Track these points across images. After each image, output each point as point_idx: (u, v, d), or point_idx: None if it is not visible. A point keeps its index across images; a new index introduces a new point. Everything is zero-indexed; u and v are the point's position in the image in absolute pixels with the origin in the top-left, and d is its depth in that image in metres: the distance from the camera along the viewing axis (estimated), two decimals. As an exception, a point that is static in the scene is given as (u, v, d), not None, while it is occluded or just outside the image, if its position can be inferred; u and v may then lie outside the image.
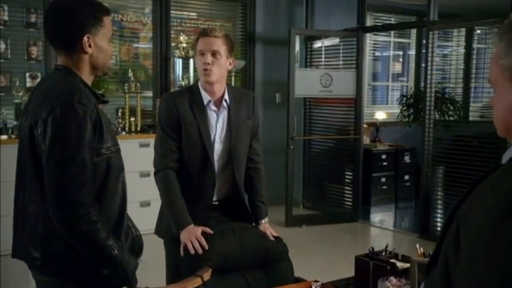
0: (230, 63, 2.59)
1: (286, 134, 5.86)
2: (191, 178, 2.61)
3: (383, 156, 7.01)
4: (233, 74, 6.03)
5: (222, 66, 2.54)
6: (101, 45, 1.83)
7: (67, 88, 1.75)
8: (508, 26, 1.08)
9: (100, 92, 1.97)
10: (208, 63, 2.50)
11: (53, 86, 1.81)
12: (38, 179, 1.74)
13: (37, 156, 1.73)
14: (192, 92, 2.63)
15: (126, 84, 5.64)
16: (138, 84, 5.69)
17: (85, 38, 1.79)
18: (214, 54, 2.51)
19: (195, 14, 6.39)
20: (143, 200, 5.04)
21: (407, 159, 7.21)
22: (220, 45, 2.51)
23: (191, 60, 5.80)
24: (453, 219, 1.10)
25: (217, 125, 2.62)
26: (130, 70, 5.72)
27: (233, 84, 6.04)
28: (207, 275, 1.82)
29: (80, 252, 1.74)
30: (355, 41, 6.11)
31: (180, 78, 5.88)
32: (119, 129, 5.45)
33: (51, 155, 1.68)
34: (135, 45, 6.12)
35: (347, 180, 6.44)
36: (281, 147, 6.00)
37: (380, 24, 7.65)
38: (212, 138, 2.61)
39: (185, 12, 6.32)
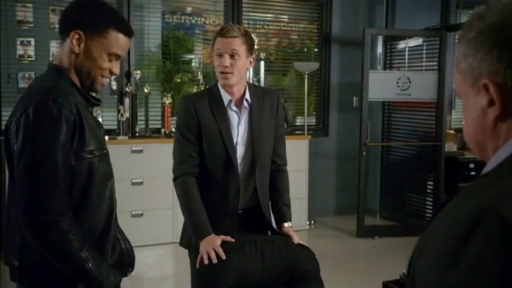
0: (251, 62, 2.43)
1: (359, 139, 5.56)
2: (214, 184, 2.47)
3: (471, 165, 6.41)
4: (306, 76, 5.81)
5: (241, 68, 2.39)
6: (92, 52, 1.71)
7: (45, 87, 1.65)
8: (467, 26, 0.91)
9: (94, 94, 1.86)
10: (226, 66, 2.34)
11: (35, 85, 1.74)
12: (15, 183, 1.64)
13: (12, 158, 1.64)
14: (211, 93, 2.50)
15: (195, 86, 5.61)
16: (206, 86, 5.62)
17: (73, 33, 1.69)
18: (232, 55, 2.35)
19: (272, 15, 6.25)
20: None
21: (499, 169, 6.57)
22: (239, 45, 2.35)
23: (261, 63, 5.70)
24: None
25: (239, 126, 2.47)
26: (199, 73, 5.70)
27: (306, 88, 5.84)
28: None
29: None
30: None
31: (251, 80, 5.76)
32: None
33: (22, 156, 1.58)
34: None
35: (428, 190, 5.98)
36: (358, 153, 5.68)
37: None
38: (235, 140, 2.46)
39: (269, 15, 6.20)
